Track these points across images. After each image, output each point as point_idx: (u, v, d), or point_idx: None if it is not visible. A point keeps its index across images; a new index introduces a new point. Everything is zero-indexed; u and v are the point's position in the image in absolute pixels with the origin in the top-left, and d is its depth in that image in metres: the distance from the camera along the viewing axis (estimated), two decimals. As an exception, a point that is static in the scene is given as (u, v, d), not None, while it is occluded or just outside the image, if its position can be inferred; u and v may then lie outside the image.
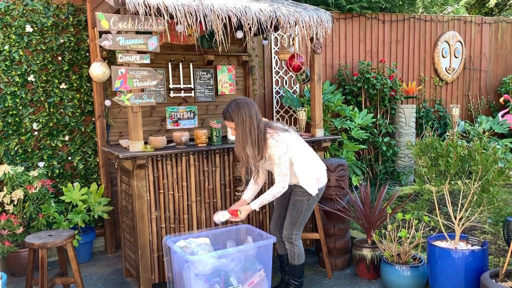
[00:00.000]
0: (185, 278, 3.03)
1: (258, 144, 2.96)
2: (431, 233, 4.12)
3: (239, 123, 2.97)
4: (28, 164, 4.25)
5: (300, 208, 3.18)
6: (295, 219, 3.20)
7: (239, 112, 2.97)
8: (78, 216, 4.09)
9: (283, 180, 3.03)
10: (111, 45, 3.16)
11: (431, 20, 6.92)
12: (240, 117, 2.96)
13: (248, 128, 2.95)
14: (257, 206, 3.12)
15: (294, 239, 3.23)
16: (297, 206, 3.18)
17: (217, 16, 3.33)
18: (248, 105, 3.00)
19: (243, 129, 2.96)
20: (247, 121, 2.95)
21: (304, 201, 3.16)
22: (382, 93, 6.01)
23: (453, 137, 5.79)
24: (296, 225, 3.21)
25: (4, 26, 4.11)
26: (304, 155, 3.13)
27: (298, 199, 3.17)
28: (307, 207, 3.19)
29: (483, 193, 2.99)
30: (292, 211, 3.20)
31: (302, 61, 4.18)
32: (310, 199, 3.17)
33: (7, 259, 3.92)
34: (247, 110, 2.97)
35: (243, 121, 2.95)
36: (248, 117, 2.96)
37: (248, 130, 2.95)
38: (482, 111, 7.46)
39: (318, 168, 3.21)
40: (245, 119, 2.95)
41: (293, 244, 3.24)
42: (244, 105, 2.99)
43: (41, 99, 4.29)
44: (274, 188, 3.05)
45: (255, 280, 3.16)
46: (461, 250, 3.01)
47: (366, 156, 6.01)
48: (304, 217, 3.22)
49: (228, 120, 3.06)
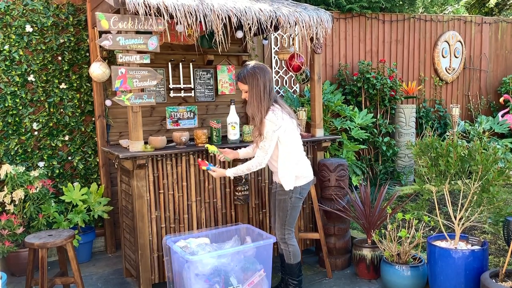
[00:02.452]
0: (185, 278, 3.04)
1: (263, 111, 2.99)
2: (431, 233, 4.12)
3: (252, 87, 3.01)
4: (28, 164, 4.25)
5: (285, 207, 3.15)
6: (283, 219, 3.18)
7: (254, 75, 3.00)
8: (78, 216, 4.09)
9: (261, 156, 3.02)
10: (111, 45, 3.16)
11: (431, 20, 6.92)
12: (255, 80, 3.00)
13: (259, 93, 2.98)
14: (231, 174, 3.17)
15: (287, 238, 3.21)
16: (281, 206, 3.17)
17: (217, 16, 3.33)
18: (263, 71, 3.03)
19: (256, 93, 2.99)
20: (261, 85, 2.99)
21: (286, 199, 3.13)
22: (382, 93, 6.01)
23: (453, 137, 5.79)
24: (286, 225, 3.19)
25: (4, 26, 4.11)
26: (291, 146, 3.07)
27: (281, 199, 3.16)
28: (291, 205, 3.15)
29: (483, 193, 2.99)
30: (278, 211, 3.20)
31: (302, 61, 4.18)
32: (292, 197, 3.13)
33: (7, 259, 3.92)
34: (262, 75, 3.01)
35: (257, 85, 3.00)
36: (262, 83, 2.99)
37: (259, 94, 2.98)
38: (482, 111, 7.46)
39: (300, 164, 3.15)
40: (259, 83, 2.99)
41: (287, 244, 3.23)
42: (259, 71, 3.03)
43: (41, 99, 4.29)
44: (250, 162, 3.07)
45: (255, 280, 3.16)
46: (461, 250, 3.01)
47: (366, 156, 6.01)
48: (292, 216, 3.19)
49: (242, 82, 3.07)
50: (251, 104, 3.02)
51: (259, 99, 2.99)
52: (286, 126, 3.02)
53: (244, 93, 3.11)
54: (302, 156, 3.19)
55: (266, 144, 2.99)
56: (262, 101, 2.98)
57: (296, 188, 3.13)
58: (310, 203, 4.10)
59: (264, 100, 2.98)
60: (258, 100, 2.99)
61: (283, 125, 3.00)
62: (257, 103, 2.99)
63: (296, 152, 3.12)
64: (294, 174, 3.09)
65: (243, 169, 3.10)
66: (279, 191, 3.17)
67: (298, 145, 3.15)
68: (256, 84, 2.99)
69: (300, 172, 3.14)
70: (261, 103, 2.98)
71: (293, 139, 3.08)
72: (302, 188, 3.17)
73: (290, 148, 3.07)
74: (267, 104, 2.99)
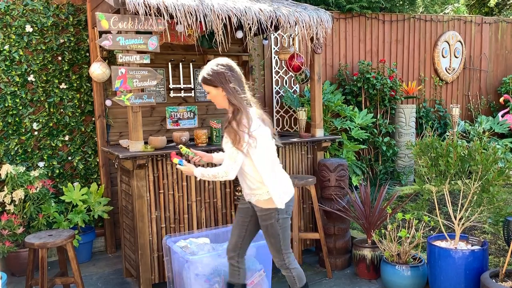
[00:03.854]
0: (185, 278, 3.04)
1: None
2: (431, 233, 4.12)
3: (223, 87, 2.60)
4: (28, 164, 4.25)
5: (275, 232, 2.71)
6: (277, 245, 2.74)
7: (222, 74, 2.58)
8: (78, 216, 4.09)
9: (229, 165, 2.57)
10: (111, 45, 3.17)
11: (431, 20, 6.92)
12: (224, 79, 2.58)
13: (230, 93, 2.59)
14: (198, 174, 2.71)
15: (287, 263, 2.79)
16: (270, 232, 2.72)
17: (217, 16, 3.33)
18: (230, 68, 2.61)
19: (227, 93, 2.60)
20: (230, 84, 2.59)
21: (273, 223, 2.69)
22: (382, 93, 6.01)
23: (453, 137, 5.79)
24: (282, 250, 2.77)
25: (4, 26, 4.11)
26: (269, 158, 2.65)
27: (268, 224, 2.70)
28: (280, 227, 2.71)
29: (483, 193, 2.99)
30: (269, 238, 2.75)
31: (302, 61, 4.18)
32: (279, 219, 2.69)
33: (7, 259, 3.92)
34: (229, 73, 2.59)
35: (227, 83, 2.59)
36: (232, 81, 2.59)
37: (231, 95, 2.59)
38: (482, 111, 7.46)
39: (283, 178, 2.75)
40: (229, 82, 2.58)
41: (289, 269, 2.80)
42: (226, 68, 2.60)
43: (41, 99, 4.29)
44: (218, 168, 2.62)
45: (255, 280, 3.16)
46: (461, 250, 3.01)
47: (366, 156, 6.01)
48: (285, 238, 2.75)
49: (208, 84, 2.64)
50: (220, 104, 2.68)
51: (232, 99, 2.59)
52: (262, 134, 2.61)
53: (209, 96, 2.70)
54: (281, 168, 2.79)
55: (229, 151, 2.58)
56: (232, 101, 2.59)
57: (281, 210, 2.68)
58: (310, 203, 4.10)
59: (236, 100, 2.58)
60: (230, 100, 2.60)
61: (259, 132, 2.59)
62: (228, 103, 2.62)
63: (276, 164, 2.73)
64: (282, 188, 2.68)
65: (210, 174, 2.65)
66: (262, 216, 2.71)
67: (274, 158, 2.71)
68: (226, 83, 2.57)
69: (284, 187, 2.72)
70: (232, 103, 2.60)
71: (271, 150, 2.68)
72: (289, 206, 2.73)
73: (270, 161, 2.66)
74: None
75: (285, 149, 3.98)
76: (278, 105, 5.75)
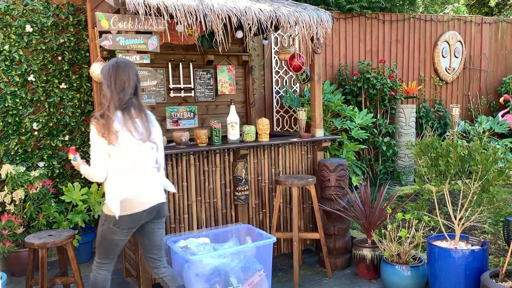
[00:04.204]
0: (185, 278, 3.03)
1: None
2: (431, 233, 4.12)
3: (104, 80, 2.59)
4: (28, 164, 4.25)
5: (99, 231, 2.65)
6: (97, 247, 2.71)
7: (107, 70, 2.58)
8: (78, 216, 4.09)
9: (91, 164, 2.59)
10: (111, 45, 3.16)
11: (431, 20, 6.92)
12: (106, 74, 2.57)
13: (105, 88, 2.56)
14: (81, 170, 2.70)
15: (94, 268, 2.73)
16: (98, 228, 2.68)
17: (217, 16, 3.33)
18: (114, 68, 2.57)
19: (104, 87, 2.58)
20: (108, 81, 2.55)
21: (101, 225, 2.62)
22: (382, 93, 6.01)
23: (453, 137, 5.79)
24: (97, 254, 2.71)
25: (4, 26, 4.11)
26: (121, 162, 2.55)
27: (100, 221, 2.66)
28: (101, 232, 2.61)
29: (483, 193, 2.99)
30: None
31: (302, 61, 4.18)
32: (104, 224, 2.58)
33: (7, 259, 3.92)
34: (113, 71, 2.56)
35: (106, 79, 2.56)
36: (112, 79, 2.55)
37: (105, 90, 2.56)
38: (482, 111, 7.46)
39: (129, 188, 2.55)
40: (109, 78, 2.56)
41: (93, 273, 2.74)
42: (112, 67, 2.58)
43: (41, 99, 4.29)
44: (89, 168, 2.64)
45: (255, 280, 3.16)
46: (461, 250, 3.01)
47: (366, 156, 6.01)
48: (100, 245, 2.66)
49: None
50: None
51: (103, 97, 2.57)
52: (120, 137, 2.52)
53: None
54: (138, 179, 2.58)
55: (91, 151, 2.56)
56: (104, 98, 2.55)
57: (110, 217, 2.54)
58: (310, 203, 4.10)
59: (107, 98, 2.53)
60: (102, 96, 2.58)
61: (111, 137, 2.51)
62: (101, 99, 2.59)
63: (128, 171, 2.56)
64: (120, 193, 2.53)
65: (85, 172, 2.65)
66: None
67: (134, 164, 2.57)
68: (106, 78, 2.55)
69: (129, 201, 2.54)
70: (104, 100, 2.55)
71: (125, 154, 2.55)
72: (124, 221, 2.55)
73: (120, 165, 2.55)
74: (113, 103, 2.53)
75: (285, 149, 3.98)
76: (278, 105, 5.75)
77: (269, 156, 3.90)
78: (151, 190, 2.64)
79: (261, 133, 3.88)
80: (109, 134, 2.51)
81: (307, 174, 4.12)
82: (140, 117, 2.63)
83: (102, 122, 2.51)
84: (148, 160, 2.65)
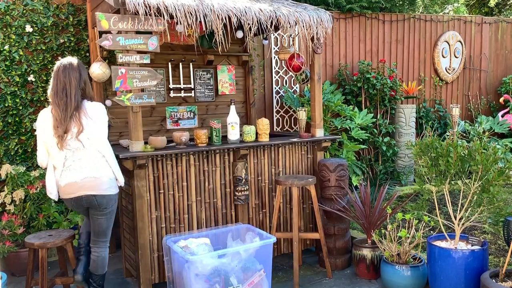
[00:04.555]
0: (185, 278, 3.04)
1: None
2: (431, 233, 4.12)
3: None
4: (28, 164, 4.25)
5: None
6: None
7: (56, 69, 2.99)
8: (78, 216, 4.09)
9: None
10: (111, 45, 3.16)
11: (431, 20, 6.92)
12: (54, 73, 3.00)
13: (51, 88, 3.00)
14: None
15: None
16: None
17: (217, 16, 3.33)
18: (59, 68, 2.97)
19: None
20: (54, 81, 2.98)
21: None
22: (382, 93, 6.01)
23: (453, 137, 5.79)
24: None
25: (4, 26, 4.11)
26: (51, 155, 3.00)
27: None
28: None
29: (483, 193, 2.99)
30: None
31: (302, 61, 4.18)
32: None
33: (7, 259, 3.92)
34: (61, 72, 2.95)
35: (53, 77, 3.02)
36: (55, 79, 2.96)
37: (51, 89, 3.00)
38: (482, 111, 7.46)
39: (60, 177, 2.99)
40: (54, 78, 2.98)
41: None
42: (57, 68, 2.97)
43: (41, 99, 4.29)
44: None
45: (255, 280, 3.16)
46: (461, 250, 3.01)
47: (366, 156, 6.01)
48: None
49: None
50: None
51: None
52: (40, 122, 2.98)
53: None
54: (63, 172, 2.98)
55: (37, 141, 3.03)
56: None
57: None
58: (310, 203, 4.10)
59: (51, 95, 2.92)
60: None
61: (41, 128, 2.97)
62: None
63: (55, 165, 3.01)
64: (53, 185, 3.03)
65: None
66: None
67: (55, 160, 2.99)
68: (53, 77, 2.97)
69: (59, 185, 3.02)
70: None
71: (52, 151, 2.96)
72: (69, 201, 3.07)
73: (50, 158, 3.02)
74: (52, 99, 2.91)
75: (285, 149, 3.98)
76: (278, 105, 5.75)
77: (269, 156, 3.90)
78: (75, 183, 2.96)
79: (261, 133, 3.88)
80: (45, 131, 2.93)
81: (307, 174, 4.12)
82: (75, 116, 2.92)
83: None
84: (73, 157, 2.96)
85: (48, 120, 2.92)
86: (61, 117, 2.86)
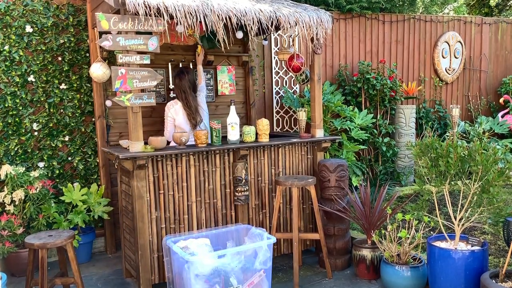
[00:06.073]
0: (185, 278, 3.04)
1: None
2: (431, 233, 4.12)
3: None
4: (28, 164, 4.25)
5: None
6: None
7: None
8: (78, 217, 4.09)
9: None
10: (111, 45, 3.17)
11: (431, 21, 6.93)
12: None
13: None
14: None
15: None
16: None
17: (217, 16, 3.33)
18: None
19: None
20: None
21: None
22: (382, 94, 6.01)
23: (453, 137, 5.79)
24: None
25: (4, 26, 4.11)
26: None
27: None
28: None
29: (483, 193, 2.99)
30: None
31: (302, 61, 4.18)
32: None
33: (7, 259, 3.92)
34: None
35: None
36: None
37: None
38: (482, 111, 7.46)
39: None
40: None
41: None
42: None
43: (41, 99, 4.29)
44: None
45: (255, 280, 3.16)
46: (461, 250, 3.01)
47: (366, 157, 6.01)
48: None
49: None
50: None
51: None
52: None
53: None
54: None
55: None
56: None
57: None
58: (310, 203, 4.10)
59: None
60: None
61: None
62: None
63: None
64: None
65: None
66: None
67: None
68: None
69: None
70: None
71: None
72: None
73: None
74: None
75: (285, 149, 3.98)
76: (278, 106, 5.75)
77: (269, 157, 3.90)
78: None
79: (261, 134, 3.88)
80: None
81: (307, 174, 4.12)
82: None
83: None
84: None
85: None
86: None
